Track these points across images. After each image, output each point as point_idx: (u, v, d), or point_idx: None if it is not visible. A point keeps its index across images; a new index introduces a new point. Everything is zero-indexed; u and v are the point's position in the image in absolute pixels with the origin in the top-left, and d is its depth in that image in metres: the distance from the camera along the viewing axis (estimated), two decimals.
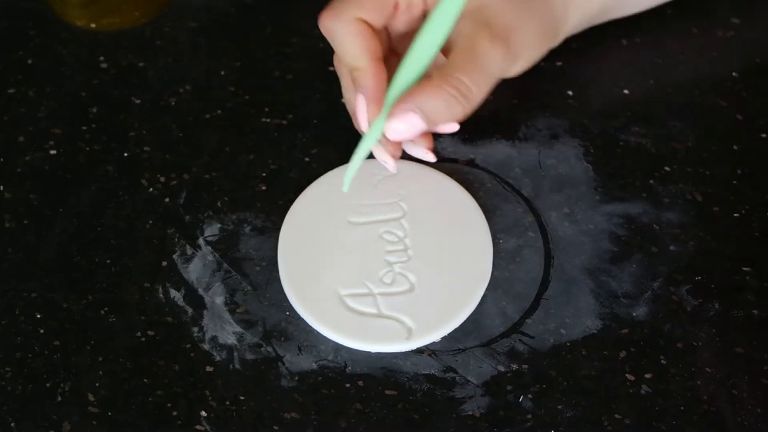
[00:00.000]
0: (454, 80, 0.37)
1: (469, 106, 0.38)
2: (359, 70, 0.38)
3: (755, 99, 0.48)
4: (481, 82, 0.38)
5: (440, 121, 0.38)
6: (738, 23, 0.51)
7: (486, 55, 0.38)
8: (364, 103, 0.38)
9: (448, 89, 0.37)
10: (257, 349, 0.39)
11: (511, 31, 0.38)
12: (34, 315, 0.40)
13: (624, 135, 0.46)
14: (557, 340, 0.39)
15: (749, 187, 0.44)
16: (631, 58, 0.50)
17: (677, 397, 0.37)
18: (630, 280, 0.41)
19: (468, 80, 0.37)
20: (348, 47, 0.38)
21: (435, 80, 0.37)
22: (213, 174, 0.45)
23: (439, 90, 0.37)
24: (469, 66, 0.38)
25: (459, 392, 0.37)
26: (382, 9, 0.38)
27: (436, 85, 0.37)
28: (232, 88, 0.48)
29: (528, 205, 0.43)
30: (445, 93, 0.37)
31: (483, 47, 0.38)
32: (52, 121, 0.47)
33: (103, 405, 0.37)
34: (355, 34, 0.38)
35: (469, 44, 0.38)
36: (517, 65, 0.40)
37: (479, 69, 0.38)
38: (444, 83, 0.37)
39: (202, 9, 0.52)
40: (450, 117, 0.38)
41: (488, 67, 0.38)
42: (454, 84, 0.37)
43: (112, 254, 0.42)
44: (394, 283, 0.40)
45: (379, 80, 0.38)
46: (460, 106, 0.37)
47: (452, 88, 0.37)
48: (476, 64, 0.38)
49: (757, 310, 0.40)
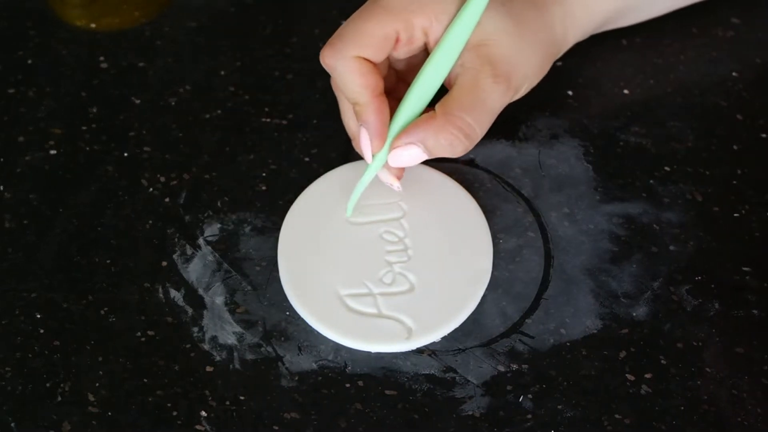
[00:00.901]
0: (458, 120, 0.37)
1: (471, 144, 0.38)
2: (361, 105, 0.38)
3: (755, 99, 0.48)
4: (483, 121, 0.38)
5: (441, 156, 0.39)
6: (738, 23, 0.51)
7: (489, 92, 0.38)
8: (367, 137, 0.39)
9: (452, 129, 0.37)
10: (257, 349, 0.39)
11: (513, 67, 0.39)
12: (34, 315, 0.40)
13: (624, 135, 0.46)
14: (557, 340, 0.39)
15: (749, 187, 0.44)
16: (631, 58, 0.50)
17: (677, 397, 0.37)
18: (630, 280, 0.41)
19: (471, 120, 0.38)
20: (349, 84, 0.38)
21: (439, 119, 0.38)
22: (213, 174, 0.45)
23: (443, 130, 0.37)
24: (472, 104, 0.38)
25: (459, 392, 0.37)
26: (383, 46, 0.38)
27: (440, 125, 0.37)
28: (232, 88, 0.48)
29: (528, 205, 0.43)
30: (448, 133, 0.37)
31: (486, 85, 0.38)
32: (52, 121, 0.47)
33: (103, 405, 0.37)
34: (356, 71, 0.38)
35: (472, 81, 0.38)
36: (517, 95, 0.41)
37: (481, 107, 0.38)
38: (448, 123, 0.37)
39: (202, 9, 0.52)
40: (451, 153, 0.38)
41: (491, 104, 0.38)
42: (459, 124, 0.37)
43: (112, 254, 0.42)
44: (394, 283, 0.40)
45: (381, 115, 0.38)
46: (462, 145, 0.38)
47: (455, 129, 0.37)
48: (480, 101, 0.38)
49: (757, 310, 0.40)
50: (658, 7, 0.49)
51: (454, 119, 0.37)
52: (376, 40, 0.38)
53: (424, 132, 0.38)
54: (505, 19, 0.39)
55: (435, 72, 0.38)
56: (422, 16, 0.38)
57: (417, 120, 0.38)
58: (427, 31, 0.38)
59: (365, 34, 0.38)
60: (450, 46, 0.38)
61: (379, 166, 0.40)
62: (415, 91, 0.38)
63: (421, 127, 0.38)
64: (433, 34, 0.39)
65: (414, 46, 0.39)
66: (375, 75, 0.38)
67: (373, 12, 0.38)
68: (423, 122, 0.38)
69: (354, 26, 0.38)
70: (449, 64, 0.38)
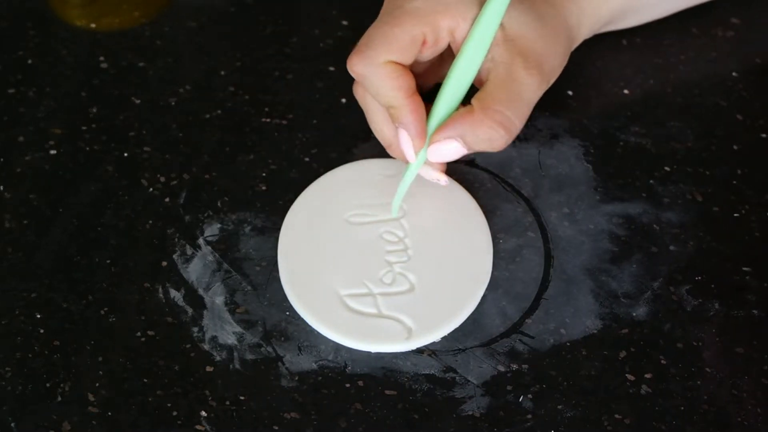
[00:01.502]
0: (496, 114, 0.37)
1: (510, 138, 0.38)
2: (396, 107, 0.38)
3: (755, 99, 0.48)
4: (521, 113, 0.38)
5: (480, 150, 0.38)
6: (738, 23, 0.51)
7: (524, 83, 0.38)
8: (407, 137, 0.39)
9: (491, 123, 0.37)
10: (257, 349, 0.39)
11: (544, 57, 0.39)
12: (34, 315, 0.40)
13: (624, 135, 0.46)
14: (557, 340, 0.39)
15: (749, 187, 0.44)
16: (631, 58, 0.50)
17: (677, 397, 0.37)
18: (630, 280, 0.41)
19: (510, 113, 0.37)
20: (382, 89, 0.38)
21: (477, 113, 0.37)
22: (213, 174, 0.45)
23: (482, 124, 0.37)
24: (509, 97, 0.38)
25: (459, 392, 0.37)
26: (411, 48, 0.38)
27: (478, 119, 0.37)
28: (232, 88, 0.48)
29: (528, 205, 0.43)
30: (487, 127, 0.37)
31: (520, 77, 0.38)
32: (52, 121, 0.47)
33: (103, 405, 0.37)
34: (388, 76, 0.38)
35: (506, 75, 0.38)
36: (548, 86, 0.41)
37: (518, 99, 0.38)
38: (486, 118, 0.37)
39: (202, 9, 0.52)
40: (490, 147, 0.38)
41: (527, 96, 0.38)
42: (497, 118, 0.37)
43: (112, 254, 0.42)
44: (394, 283, 0.40)
45: (418, 114, 0.38)
46: (503, 139, 0.38)
47: (495, 122, 0.37)
48: (516, 94, 0.38)
49: (757, 310, 0.40)
50: (658, 9, 0.49)
51: (493, 113, 0.37)
52: (404, 45, 0.38)
53: (463, 126, 0.37)
54: (526, 13, 0.39)
55: (466, 68, 0.38)
56: (448, 17, 0.38)
57: (455, 114, 0.38)
58: (454, 32, 0.38)
59: (393, 39, 0.38)
60: (480, 39, 0.38)
61: (420, 164, 0.40)
62: (447, 89, 0.38)
63: (459, 122, 0.38)
64: (459, 34, 0.38)
65: (439, 46, 0.39)
66: (407, 76, 0.38)
67: (399, 17, 0.38)
68: (461, 117, 0.38)
69: (381, 32, 0.38)
70: (479, 58, 0.38)
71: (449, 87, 0.38)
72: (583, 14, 0.43)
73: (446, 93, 0.38)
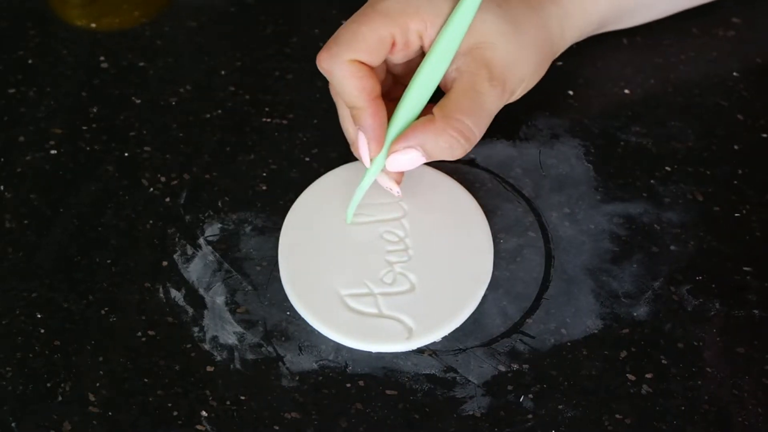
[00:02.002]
0: (457, 123, 0.37)
1: (469, 147, 0.38)
2: (358, 109, 0.38)
3: (755, 99, 0.48)
4: (481, 124, 0.38)
5: (440, 158, 0.39)
6: (738, 23, 0.51)
7: (486, 95, 0.38)
8: (365, 141, 0.39)
9: (451, 132, 0.37)
10: (258, 349, 0.39)
11: (509, 70, 0.39)
12: (34, 315, 0.40)
13: (624, 135, 0.46)
14: (558, 340, 0.39)
15: (750, 186, 0.44)
16: (631, 58, 0.50)
17: (678, 397, 0.37)
18: (631, 280, 0.41)
19: (470, 122, 0.38)
20: (346, 88, 0.38)
21: (438, 122, 0.37)
22: (213, 174, 0.45)
23: (443, 132, 0.37)
24: (470, 107, 0.38)
25: (459, 392, 0.37)
26: (379, 49, 0.38)
27: (439, 128, 0.37)
28: (232, 88, 0.48)
29: (528, 204, 0.43)
30: (447, 135, 0.37)
31: (483, 88, 0.38)
32: (52, 121, 0.47)
33: (103, 405, 0.37)
34: (353, 75, 0.38)
35: (469, 85, 0.38)
36: (513, 97, 0.41)
37: (480, 109, 0.38)
38: (447, 126, 0.37)
39: (202, 9, 0.52)
40: (450, 156, 0.38)
41: (488, 107, 0.38)
42: (458, 127, 0.37)
43: (112, 254, 0.42)
44: (395, 283, 0.40)
45: (378, 119, 0.38)
46: (462, 148, 0.38)
47: (455, 131, 0.37)
48: (478, 104, 0.38)
49: (758, 309, 0.40)
50: (654, 11, 0.49)
51: (454, 122, 0.37)
52: (371, 44, 0.38)
53: (424, 135, 0.38)
54: (500, 20, 0.39)
55: (430, 75, 0.38)
56: (417, 20, 0.38)
57: (415, 123, 0.38)
58: (422, 35, 0.38)
59: (360, 38, 0.38)
60: (444, 49, 0.38)
61: (377, 170, 0.39)
62: (411, 95, 0.38)
63: (419, 131, 0.38)
64: (428, 38, 0.38)
65: (410, 50, 0.39)
66: (371, 78, 0.38)
67: (369, 16, 0.38)
68: (422, 125, 0.38)
69: (349, 30, 0.38)
70: (444, 66, 0.38)
71: (412, 93, 0.38)
72: (568, 19, 0.43)
73: (409, 99, 0.38)
